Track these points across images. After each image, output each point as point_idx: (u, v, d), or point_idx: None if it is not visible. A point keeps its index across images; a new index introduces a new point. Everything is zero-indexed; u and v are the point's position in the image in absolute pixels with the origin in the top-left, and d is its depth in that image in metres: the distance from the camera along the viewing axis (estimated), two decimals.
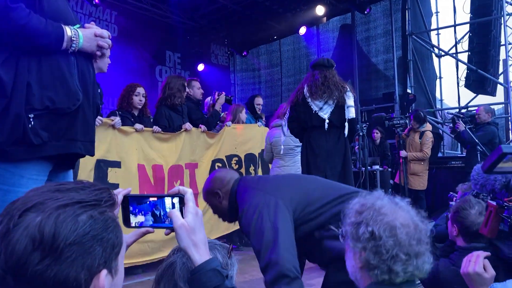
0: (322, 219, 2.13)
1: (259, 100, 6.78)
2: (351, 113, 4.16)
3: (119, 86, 5.06)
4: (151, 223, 1.15)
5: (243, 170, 5.83)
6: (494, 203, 1.72)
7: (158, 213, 1.14)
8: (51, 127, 1.83)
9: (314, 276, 3.64)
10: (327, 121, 4.07)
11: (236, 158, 5.79)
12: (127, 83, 5.07)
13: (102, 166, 4.05)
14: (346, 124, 4.14)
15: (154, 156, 4.62)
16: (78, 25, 1.93)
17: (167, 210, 1.13)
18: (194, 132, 5.13)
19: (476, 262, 1.71)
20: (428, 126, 7.10)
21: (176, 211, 1.11)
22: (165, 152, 4.77)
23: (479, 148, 6.51)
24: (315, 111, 4.09)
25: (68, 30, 1.86)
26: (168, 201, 1.14)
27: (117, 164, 4.18)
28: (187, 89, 5.57)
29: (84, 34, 1.92)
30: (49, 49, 1.83)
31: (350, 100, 4.17)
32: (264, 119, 6.81)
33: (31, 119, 1.75)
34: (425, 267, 1.30)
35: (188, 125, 5.05)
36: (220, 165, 5.49)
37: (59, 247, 0.71)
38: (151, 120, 5.06)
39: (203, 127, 5.25)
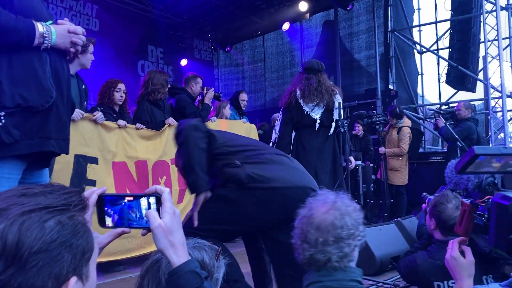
0: (231, 155, 2.44)
1: (243, 96, 6.76)
2: (337, 115, 4.44)
3: (100, 81, 5.00)
4: (127, 223, 1.12)
5: None
6: (468, 201, 1.74)
7: (134, 213, 1.11)
8: (24, 125, 1.80)
9: None
10: (318, 121, 4.32)
11: None
12: (109, 78, 5.00)
13: (82, 162, 3.99)
14: (333, 124, 4.41)
15: (137, 152, 4.57)
16: (50, 21, 1.90)
17: (144, 210, 1.11)
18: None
19: (452, 248, 1.74)
20: (406, 122, 7.17)
21: (153, 211, 1.08)
22: (148, 148, 4.72)
23: (459, 144, 6.60)
24: (307, 112, 4.33)
25: (40, 27, 1.83)
26: (144, 201, 1.11)
27: (95, 160, 4.12)
28: (190, 84, 5.56)
29: (57, 31, 1.88)
30: (20, 46, 1.79)
31: (337, 103, 4.46)
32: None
33: (2, 117, 1.71)
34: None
35: (171, 120, 5.01)
36: None
37: (23, 256, 0.67)
38: (130, 116, 5.01)
39: None
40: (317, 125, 4.32)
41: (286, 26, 9.77)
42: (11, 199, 0.73)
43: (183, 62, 10.03)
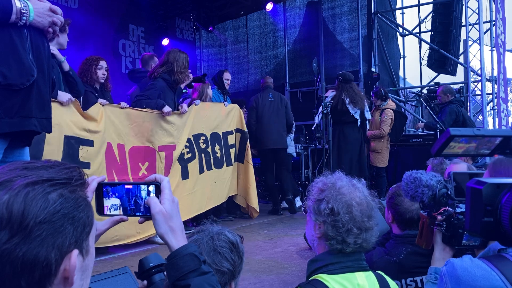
0: None
1: (227, 75, 6.75)
2: (369, 115, 6.36)
3: (79, 60, 4.90)
4: (125, 211, 1.14)
5: (209, 150, 5.76)
6: (425, 214, 1.76)
7: (132, 201, 1.13)
8: (4, 103, 1.77)
9: None
10: (359, 120, 6.08)
11: (204, 138, 5.69)
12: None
13: (73, 144, 3.88)
14: (367, 122, 6.31)
15: (119, 134, 4.48)
16: None
17: (142, 198, 1.13)
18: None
19: None
20: (389, 104, 7.24)
21: (154, 197, 1.11)
22: (130, 131, 4.60)
23: (438, 126, 6.72)
24: (352, 114, 6.01)
25: (17, 2, 1.77)
26: (143, 189, 1.13)
27: (89, 143, 4.02)
28: (150, 65, 5.53)
29: (35, 8, 1.83)
30: None
31: (367, 106, 6.28)
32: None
33: None
34: (372, 240, 1.52)
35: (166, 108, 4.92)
36: (187, 144, 5.37)
37: (28, 225, 0.69)
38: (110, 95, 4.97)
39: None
40: (358, 123, 6.09)
41: (269, 6, 9.67)
42: (14, 171, 0.75)
43: (165, 41, 9.87)
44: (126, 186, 1.13)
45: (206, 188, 5.60)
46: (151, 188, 1.13)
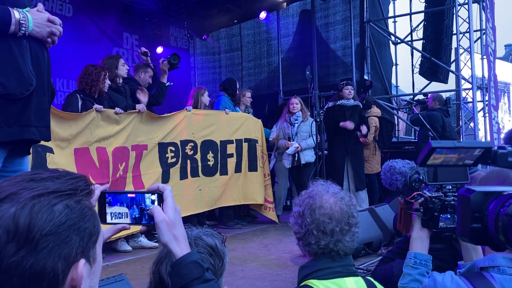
0: None
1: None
2: None
3: (74, 68, 4.92)
4: (128, 219, 1.14)
5: (198, 156, 5.74)
6: (402, 199, 1.81)
7: (135, 210, 1.14)
8: (3, 113, 1.79)
9: None
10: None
11: (192, 144, 5.69)
12: (83, 64, 4.91)
13: (40, 152, 3.92)
14: None
15: (99, 138, 4.54)
16: (28, 8, 1.87)
17: (145, 206, 1.14)
18: (146, 114, 5.06)
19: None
20: (373, 112, 7.33)
21: (157, 206, 1.13)
22: (112, 133, 4.67)
23: (430, 134, 6.80)
24: None
25: (16, 13, 1.79)
26: (145, 197, 1.14)
27: (50, 150, 4.04)
28: (139, 72, 5.61)
29: (34, 18, 1.85)
30: None
31: None
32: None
33: None
34: (347, 245, 1.54)
35: (142, 106, 5.00)
36: (173, 148, 5.40)
37: (34, 237, 0.70)
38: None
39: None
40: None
41: (263, 15, 9.73)
42: (21, 184, 0.75)
43: (159, 49, 9.90)
44: (129, 195, 1.15)
45: (185, 195, 5.55)
46: (154, 197, 1.14)
